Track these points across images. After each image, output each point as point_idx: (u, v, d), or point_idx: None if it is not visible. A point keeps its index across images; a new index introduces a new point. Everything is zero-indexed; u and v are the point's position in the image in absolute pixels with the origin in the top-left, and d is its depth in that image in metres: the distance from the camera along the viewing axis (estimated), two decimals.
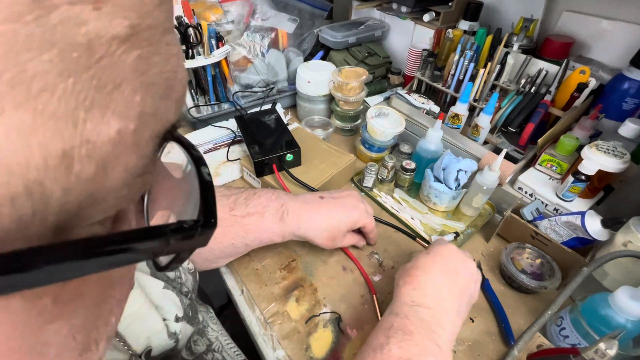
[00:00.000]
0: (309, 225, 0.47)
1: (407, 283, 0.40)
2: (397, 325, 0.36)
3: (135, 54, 0.09)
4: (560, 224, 0.51)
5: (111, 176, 0.10)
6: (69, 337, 0.11)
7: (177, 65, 0.11)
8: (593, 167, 0.54)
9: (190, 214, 0.15)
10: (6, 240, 0.08)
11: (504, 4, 0.85)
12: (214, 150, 0.72)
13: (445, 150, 0.62)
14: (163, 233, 0.11)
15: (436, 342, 0.35)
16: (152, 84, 0.10)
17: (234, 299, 0.51)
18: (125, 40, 0.09)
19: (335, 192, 0.52)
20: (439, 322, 0.37)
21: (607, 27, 0.73)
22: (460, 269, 0.42)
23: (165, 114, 0.11)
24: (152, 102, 0.10)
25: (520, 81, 0.74)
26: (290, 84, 0.87)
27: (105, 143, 0.09)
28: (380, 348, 0.34)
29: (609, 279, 0.49)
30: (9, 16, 0.07)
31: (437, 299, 0.39)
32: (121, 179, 0.10)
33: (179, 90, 0.12)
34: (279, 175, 0.61)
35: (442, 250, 0.43)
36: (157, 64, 0.10)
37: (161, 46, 0.10)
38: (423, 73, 0.84)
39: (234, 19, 0.78)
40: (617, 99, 0.67)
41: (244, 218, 0.45)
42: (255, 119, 0.69)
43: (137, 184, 0.11)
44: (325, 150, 0.68)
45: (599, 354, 0.35)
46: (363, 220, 0.50)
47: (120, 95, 0.09)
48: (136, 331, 0.37)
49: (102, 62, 0.09)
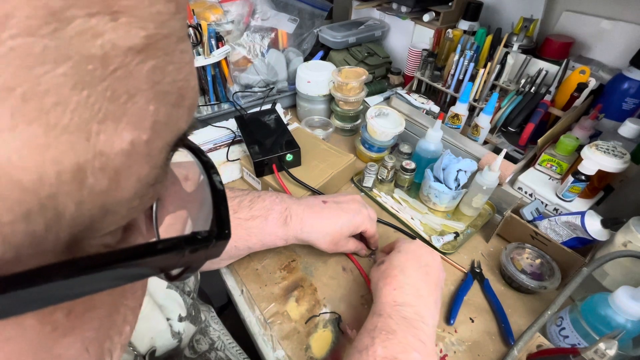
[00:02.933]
0: (312, 229, 0.47)
1: (387, 284, 0.41)
2: (381, 325, 0.37)
3: (150, 64, 0.09)
4: (560, 224, 0.51)
5: (124, 188, 0.10)
6: (82, 350, 0.11)
7: (190, 73, 0.11)
8: (593, 167, 0.54)
9: (202, 223, 0.14)
10: (21, 256, 0.08)
11: (504, 4, 0.85)
12: (213, 151, 0.72)
13: (445, 150, 0.62)
14: (177, 246, 0.11)
15: (419, 337, 0.36)
16: (166, 93, 0.10)
17: (233, 299, 0.51)
18: (141, 50, 0.09)
19: (338, 197, 0.52)
20: (421, 317, 0.38)
21: (607, 27, 0.73)
22: (430, 262, 0.44)
23: (178, 122, 0.11)
24: (165, 111, 0.10)
25: (520, 81, 0.73)
26: (290, 84, 0.87)
27: (119, 155, 0.09)
28: (365, 350, 0.35)
29: (608, 279, 0.49)
30: (24, 30, 0.07)
31: (417, 295, 0.40)
32: (134, 190, 0.10)
33: (191, 98, 0.12)
34: (279, 175, 0.61)
35: (412, 247, 0.45)
36: (171, 72, 0.10)
37: (176, 55, 0.10)
38: (423, 73, 0.84)
39: (234, 19, 0.78)
40: (617, 99, 0.67)
41: (248, 221, 0.45)
42: (255, 119, 0.69)
43: (149, 194, 0.11)
44: (325, 150, 0.68)
45: (599, 354, 0.35)
46: (365, 225, 0.50)
47: (134, 106, 0.09)
48: (140, 331, 0.38)
49: (117, 73, 0.08)
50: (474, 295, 0.51)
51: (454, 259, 0.55)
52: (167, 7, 0.09)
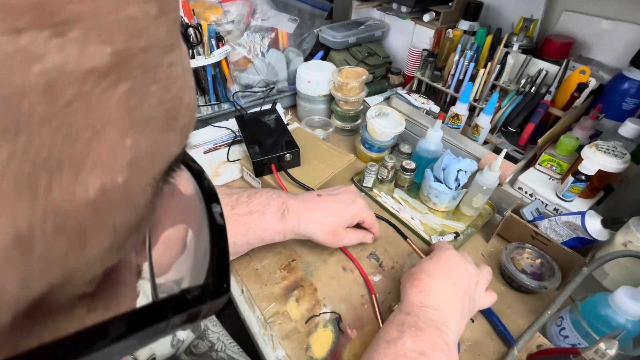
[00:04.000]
0: (308, 222, 0.47)
1: (414, 286, 0.42)
2: (409, 322, 0.37)
3: (123, 89, 0.07)
4: (560, 224, 0.51)
5: (93, 244, 0.08)
6: None
7: (182, 88, 0.09)
8: (593, 167, 0.54)
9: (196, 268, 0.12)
10: None
11: (504, 4, 0.85)
12: (214, 150, 0.72)
13: (445, 150, 0.62)
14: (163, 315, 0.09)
15: (445, 340, 0.36)
16: (148, 119, 0.08)
17: (234, 299, 0.51)
18: (107, 73, 0.07)
19: (332, 189, 0.52)
20: (445, 322, 0.38)
21: (607, 27, 0.73)
22: (461, 274, 0.43)
23: (168, 148, 0.09)
24: (150, 141, 0.08)
25: (520, 81, 0.73)
26: (290, 84, 0.87)
27: (81, 208, 0.07)
28: (393, 341, 0.35)
29: (608, 279, 0.49)
30: None
31: (443, 300, 0.40)
32: (107, 243, 0.08)
33: (185, 117, 0.10)
34: (278, 175, 0.61)
35: (443, 256, 0.45)
36: (155, 93, 0.08)
37: (161, 71, 0.08)
38: (423, 73, 0.84)
39: (234, 19, 0.78)
40: (617, 99, 0.67)
41: (246, 216, 0.46)
42: (255, 119, 0.69)
43: (132, 239, 0.09)
44: (325, 150, 0.68)
45: (599, 354, 0.35)
46: (361, 214, 0.50)
47: (102, 144, 0.07)
48: None
49: (72, 107, 0.06)
50: None
51: None
52: (144, 10, 0.07)
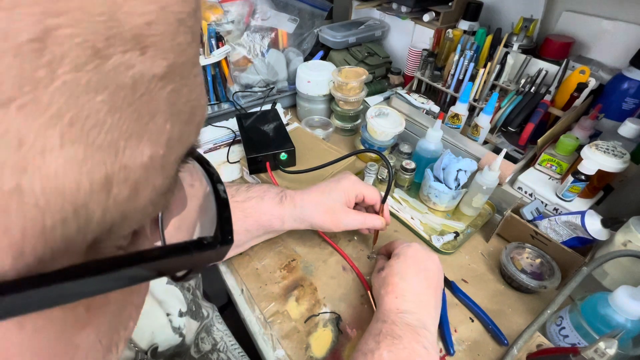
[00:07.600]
0: (303, 202, 0.48)
1: (388, 292, 0.42)
2: (386, 330, 0.37)
3: (169, 88, 0.11)
4: (560, 224, 0.51)
5: (141, 197, 0.11)
6: (96, 342, 0.12)
7: (200, 92, 0.13)
8: (593, 167, 0.54)
9: (206, 229, 0.16)
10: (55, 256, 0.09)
11: (504, 4, 0.85)
12: (214, 150, 0.72)
13: (445, 150, 0.62)
14: (187, 250, 0.12)
15: (423, 344, 0.37)
16: (180, 112, 0.12)
17: (233, 299, 0.51)
18: (163, 77, 0.10)
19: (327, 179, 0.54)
20: (423, 324, 0.39)
21: (607, 27, 0.73)
22: (429, 266, 0.44)
23: (188, 137, 0.13)
24: (179, 129, 0.12)
25: (520, 81, 0.73)
26: (290, 84, 0.87)
27: (139, 168, 0.10)
28: (370, 353, 0.36)
29: (608, 279, 0.49)
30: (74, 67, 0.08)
31: (418, 301, 0.41)
32: (149, 199, 0.12)
33: (200, 115, 0.13)
34: (272, 173, 0.61)
35: (409, 252, 0.45)
36: (185, 94, 0.12)
37: (190, 78, 0.12)
38: (423, 73, 0.84)
39: (234, 19, 0.78)
40: (616, 99, 0.67)
41: (244, 202, 0.47)
42: (254, 118, 0.69)
43: (161, 202, 0.13)
44: (325, 150, 0.68)
45: (599, 353, 0.35)
46: (357, 187, 0.50)
47: (154, 125, 0.11)
48: (140, 327, 0.38)
49: (142, 98, 0.10)
50: (459, 301, 0.50)
51: (454, 259, 0.55)
52: (186, 38, 0.11)
